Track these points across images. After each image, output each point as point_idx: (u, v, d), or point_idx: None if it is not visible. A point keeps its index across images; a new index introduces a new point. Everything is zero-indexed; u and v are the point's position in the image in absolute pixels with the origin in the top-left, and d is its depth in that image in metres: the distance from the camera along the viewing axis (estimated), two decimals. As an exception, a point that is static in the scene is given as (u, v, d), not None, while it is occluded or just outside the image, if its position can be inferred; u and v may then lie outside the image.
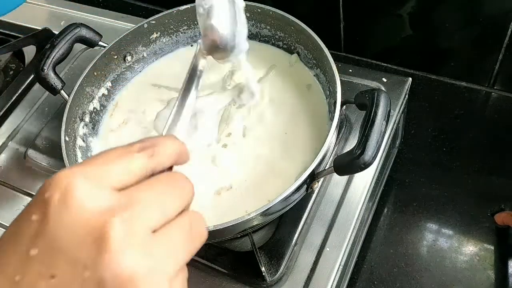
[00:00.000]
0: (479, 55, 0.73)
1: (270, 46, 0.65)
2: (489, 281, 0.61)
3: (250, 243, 0.56)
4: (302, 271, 0.55)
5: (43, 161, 0.70)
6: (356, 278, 0.63)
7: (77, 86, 0.60)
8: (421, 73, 0.79)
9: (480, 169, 0.69)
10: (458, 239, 0.64)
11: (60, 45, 0.60)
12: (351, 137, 0.63)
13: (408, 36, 0.75)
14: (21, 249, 0.23)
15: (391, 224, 0.67)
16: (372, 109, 0.46)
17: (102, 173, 0.25)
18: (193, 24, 0.66)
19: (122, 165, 0.26)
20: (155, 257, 0.24)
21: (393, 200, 0.69)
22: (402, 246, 0.65)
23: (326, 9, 0.77)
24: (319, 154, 0.48)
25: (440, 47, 0.75)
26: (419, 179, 0.70)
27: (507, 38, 0.67)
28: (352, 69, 0.69)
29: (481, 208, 0.66)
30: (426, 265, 0.63)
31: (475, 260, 0.62)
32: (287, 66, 0.64)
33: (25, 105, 0.78)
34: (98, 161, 0.25)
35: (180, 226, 0.26)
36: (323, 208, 0.58)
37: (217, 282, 0.56)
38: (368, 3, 0.73)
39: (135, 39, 0.65)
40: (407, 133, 0.74)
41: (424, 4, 0.69)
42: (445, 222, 0.66)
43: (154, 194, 0.26)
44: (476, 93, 0.76)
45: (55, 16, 0.89)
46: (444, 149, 0.72)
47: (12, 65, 0.84)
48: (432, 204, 0.67)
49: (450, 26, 0.70)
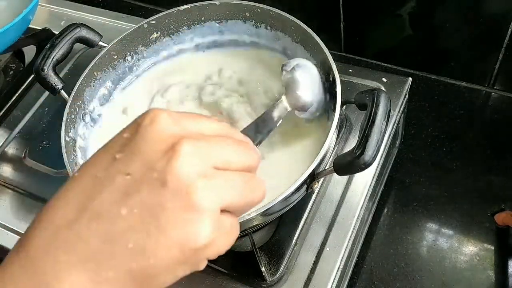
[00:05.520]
0: (479, 55, 0.73)
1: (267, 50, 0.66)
2: (489, 281, 0.61)
3: (250, 243, 0.56)
4: (302, 271, 0.55)
5: (43, 162, 0.70)
6: (356, 278, 0.63)
7: (77, 86, 0.60)
8: (421, 73, 0.79)
9: (480, 169, 0.69)
10: (458, 239, 0.64)
11: (60, 45, 0.60)
12: (351, 137, 0.63)
13: (408, 36, 0.75)
14: (110, 153, 0.29)
15: (391, 224, 0.67)
16: (372, 109, 0.46)
17: (183, 118, 0.30)
18: (193, 25, 0.66)
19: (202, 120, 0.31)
20: (212, 182, 0.28)
21: (393, 200, 0.69)
22: (402, 246, 0.65)
23: (326, 9, 0.77)
24: (319, 154, 0.48)
25: (440, 47, 0.75)
26: (419, 179, 0.70)
27: (507, 38, 0.67)
28: (352, 69, 0.69)
29: (481, 208, 0.66)
30: (426, 265, 0.63)
31: (475, 260, 0.62)
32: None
33: (25, 105, 0.78)
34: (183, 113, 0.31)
35: (241, 175, 0.31)
36: (323, 208, 0.58)
37: (217, 282, 0.56)
38: (368, 3, 0.73)
39: (135, 39, 0.65)
40: (407, 133, 0.74)
41: (424, 4, 0.69)
42: (445, 222, 0.66)
43: (226, 145, 0.31)
44: (476, 93, 0.76)
45: (55, 16, 0.89)
46: (444, 149, 0.72)
47: (12, 65, 0.84)
48: (432, 204, 0.67)
49: (450, 26, 0.70)
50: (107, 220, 0.27)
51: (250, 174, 0.31)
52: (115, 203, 0.28)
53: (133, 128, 0.30)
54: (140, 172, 0.28)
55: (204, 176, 0.28)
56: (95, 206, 0.28)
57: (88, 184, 0.29)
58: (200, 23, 0.66)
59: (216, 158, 0.30)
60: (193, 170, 0.28)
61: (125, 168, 0.28)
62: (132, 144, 0.29)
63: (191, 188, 0.28)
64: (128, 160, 0.29)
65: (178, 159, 0.28)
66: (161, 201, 0.27)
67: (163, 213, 0.27)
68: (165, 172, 0.28)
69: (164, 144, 0.28)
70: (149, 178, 0.28)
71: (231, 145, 0.31)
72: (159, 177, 0.28)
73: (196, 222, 0.28)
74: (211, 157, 0.29)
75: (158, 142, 0.28)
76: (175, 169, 0.28)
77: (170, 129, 0.29)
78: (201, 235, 0.28)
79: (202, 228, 0.28)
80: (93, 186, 0.29)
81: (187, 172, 0.28)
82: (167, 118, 0.29)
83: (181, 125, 0.30)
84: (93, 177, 0.29)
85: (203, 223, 0.28)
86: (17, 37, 0.76)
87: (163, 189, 0.27)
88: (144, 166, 0.28)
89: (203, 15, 0.65)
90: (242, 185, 0.30)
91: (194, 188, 0.28)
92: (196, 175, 0.28)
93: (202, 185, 0.28)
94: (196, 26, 0.66)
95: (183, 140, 0.28)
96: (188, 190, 0.28)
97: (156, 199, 0.27)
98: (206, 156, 0.29)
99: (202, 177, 0.28)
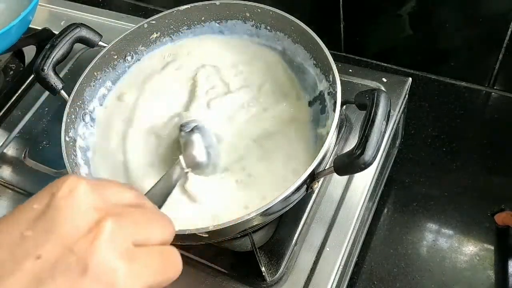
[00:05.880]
0: (479, 55, 0.73)
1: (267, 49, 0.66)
2: (489, 281, 0.61)
3: (250, 243, 0.56)
4: (302, 271, 0.55)
5: (43, 162, 0.70)
6: (356, 278, 0.63)
7: (77, 86, 0.60)
8: (421, 73, 0.79)
9: (480, 169, 0.69)
10: (458, 239, 0.64)
11: (60, 45, 0.60)
12: (351, 137, 0.63)
13: (408, 36, 0.75)
14: (17, 229, 0.25)
15: (391, 224, 0.67)
16: (372, 109, 0.46)
17: (103, 188, 0.28)
18: (193, 25, 0.66)
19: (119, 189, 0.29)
20: (135, 265, 0.26)
21: (393, 200, 0.69)
22: (402, 246, 0.65)
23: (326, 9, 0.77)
24: (319, 154, 0.48)
25: (440, 47, 0.75)
26: (419, 179, 0.70)
27: (507, 38, 0.67)
28: (352, 69, 0.69)
29: (481, 208, 0.66)
30: (426, 265, 0.63)
31: (475, 260, 0.62)
32: (285, 68, 0.64)
33: (25, 105, 0.78)
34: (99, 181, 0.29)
35: (159, 251, 0.29)
36: (323, 208, 0.58)
37: (217, 282, 0.56)
38: (368, 3, 0.73)
39: (135, 39, 0.65)
40: (407, 133, 0.74)
41: (424, 4, 0.69)
42: (445, 222, 0.66)
43: (144, 219, 0.29)
44: (476, 93, 0.76)
45: (55, 16, 0.89)
46: (444, 149, 0.72)
47: (12, 65, 0.84)
48: (432, 204, 0.67)
49: (450, 26, 0.70)
50: None
51: (168, 248, 0.30)
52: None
53: (45, 198, 0.26)
54: (55, 254, 0.24)
55: (127, 258, 0.26)
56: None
57: None
58: (200, 23, 0.66)
59: (137, 235, 0.27)
60: (117, 253, 0.25)
61: (36, 249, 0.24)
62: (45, 219, 0.25)
63: (114, 275, 0.25)
64: (40, 238, 0.25)
65: (102, 240, 0.25)
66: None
67: None
68: (86, 256, 0.24)
69: (85, 221, 0.25)
70: (66, 262, 0.24)
71: (150, 220, 0.29)
72: (78, 262, 0.24)
73: None
74: (132, 234, 0.27)
75: (77, 218, 0.25)
76: (98, 253, 0.25)
77: (91, 202, 0.26)
78: None
79: None
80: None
81: (111, 255, 0.25)
82: (87, 189, 0.26)
83: (102, 197, 0.27)
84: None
85: None
86: (17, 38, 0.76)
87: (83, 277, 0.24)
88: (59, 247, 0.24)
89: (203, 15, 0.65)
90: (162, 262, 0.28)
91: (118, 276, 0.25)
92: (119, 258, 0.25)
93: (125, 271, 0.25)
94: (196, 26, 0.66)
95: (108, 216, 0.26)
96: (111, 278, 0.25)
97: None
98: (128, 234, 0.27)
99: (124, 260, 0.26)
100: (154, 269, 0.28)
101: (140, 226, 0.28)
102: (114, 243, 0.25)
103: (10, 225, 0.25)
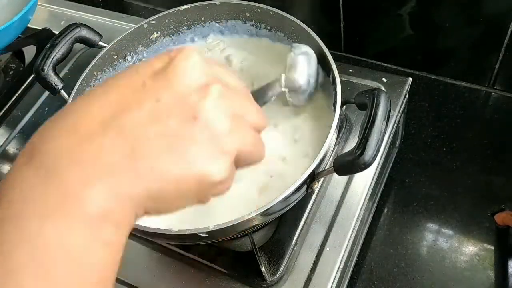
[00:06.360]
0: (479, 55, 0.73)
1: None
2: (489, 281, 0.61)
3: (250, 243, 0.56)
4: (302, 271, 0.55)
5: (43, 161, 0.70)
6: (356, 278, 0.63)
7: (77, 86, 0.60)
8: (421, 73, 0.79)
9: (480, 169, 0.69)
10: (458, 239, 0.64)
11: (60, 45, 0.60)
12: (351, 137, 0.63)
13: (408, 36, 0.75)
14: (140, 77, 0.29)
15: (391, 224, 0.67)
16: (372, 109, 0.46)
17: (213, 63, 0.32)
18: (193, 25, 0.66)
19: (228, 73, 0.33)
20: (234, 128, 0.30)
21: (393, 200, 0.69)
22: (402, 246, 0.65)
23: (326, 9, 0.77)
24: (319, 154, 0.48)
25: (440, 47, 0.75)
26: (419, 179, 0.70)
27: (507, 38, 0.67)
28: (352, 69, 0.69)
29: (481, 208, 0.65)
30: (426, 265, 0.63)
31: (475, 260, 0.62)
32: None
33: (25, 105, 0.78)
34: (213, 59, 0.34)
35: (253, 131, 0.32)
36: (323, 208, 0.58)
37: (217, 282, 0.56)
38: (368, 3, 0.73)
39: (135, 39, 0.65)
40: (407, 133, 0.74)
41: (424, 4, 0.69)
42: (445, 222, 0.66)
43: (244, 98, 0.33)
44: (476, 93, 0.76)
45: (55, 16, 0.89)
46: (444, 149, 0.72)
47: (12, 65, 0.84)
48: (432, 204, 0.67)
49: (450, 26, 0.70)
50: (133, 139, 0.27)
51: (258, 134, 0.33)
52: (142, 125, 0.28)
53: (164, 60, 0.30)
54: (172, 101, 0.28)
55: (230, 119, 0.30)
56: (121, 124, 0.27)
57: (113, 102, 0.28)
58: (200, 23, 0.66)
59: (238, 108, 0.31)
60: (222, 112, 0.29)
61: (156, 94, 0.28)
62: (165, 73, 0.29)
63: (219, 128, 0.29)
64: (159, 87, 0.29)
65: (211, 98, 0.29)
66: (191, 133, 0.28)
67: (191, 145, 0.28)
68: (197, 107, 0.29)
69: (197, 82, 0.29)
70: (181, 109, 0.28)
71: (249, 102, 0.33)
72: (190, 110, 0.28)
73: (219, 159, 0.29)
74: (234, 106, 0.31)
75: (192, 77, 0.29)
76: (208, 107, 0.29)
77: (202, 69, 0.30)
78: (220, 172, 0.29)
79: (223, 166, 0.30)
80: (118, 105, 0.28)
81: (218, 111, 0.29)
82: (200, 58, 0.30)
83: (212, 69, 0.31)
84: (120, 96, 0.29)
85: (224, 162, 0.30)
86: (16, 36, 0.76)
87: (194, 123, 0.28)
88: (175, 97, 0.29)
89: (203, 15, 0.65)
90: (254, 140, 0.32)
91: (221, 129, 0.29)
92: (224, 116, 0.30)
93: (227, 128, 0.30)
94: (196, 26, 0.66)
95: (215, 83, 0.30)
96: (215, 130, 0.29)
97: (186, 130, 0.28)
98: (230, 103, 0.30)
99: (228, 120, 0.30)
100: (248, 141, 0.31)
101: (241, 102, 0.32)
102: (220, 105, 0.29)
103: (134, 75, 0.30)
